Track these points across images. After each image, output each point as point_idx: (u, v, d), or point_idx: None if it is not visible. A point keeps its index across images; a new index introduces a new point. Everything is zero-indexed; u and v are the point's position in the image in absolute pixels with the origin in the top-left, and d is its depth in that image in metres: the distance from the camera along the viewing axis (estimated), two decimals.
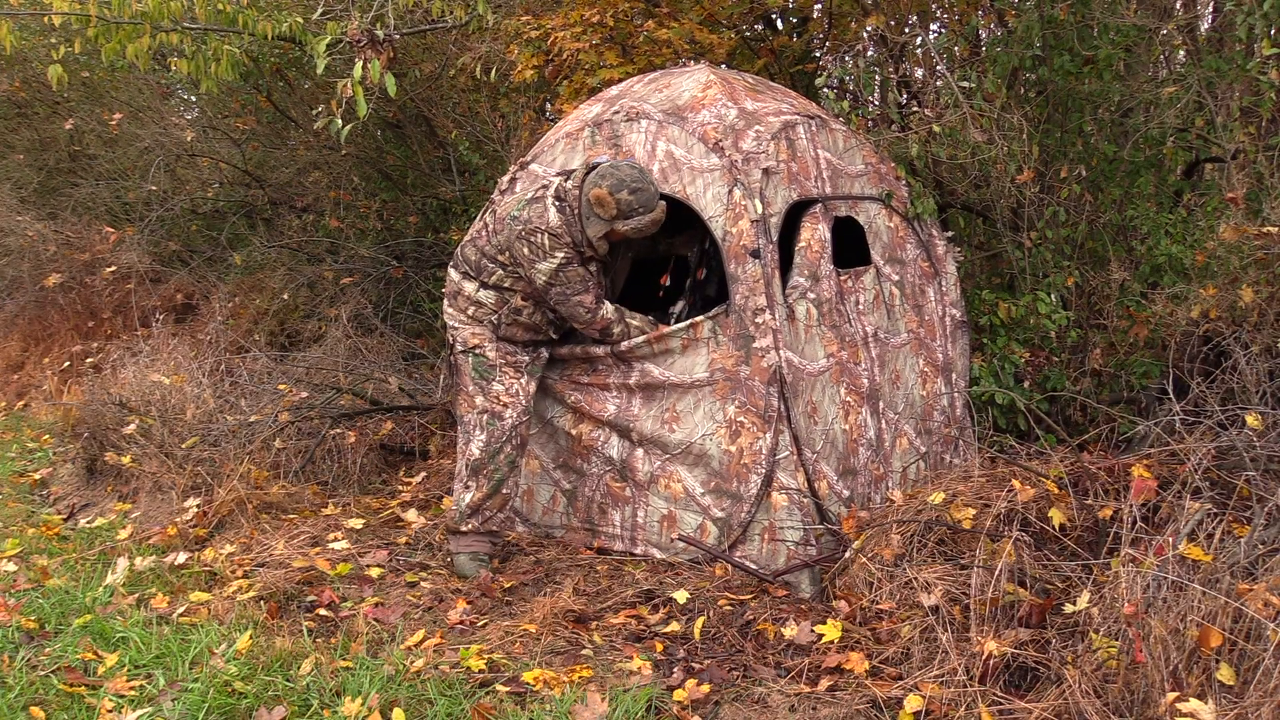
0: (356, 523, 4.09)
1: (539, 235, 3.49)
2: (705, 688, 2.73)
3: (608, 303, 3.67)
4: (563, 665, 2.88)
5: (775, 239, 3.55)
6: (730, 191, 3.53)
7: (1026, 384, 4.26)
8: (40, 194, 8.83)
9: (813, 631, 2.98)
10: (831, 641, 2.92)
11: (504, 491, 3.68)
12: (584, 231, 3.51)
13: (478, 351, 3.68)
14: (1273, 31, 3.90)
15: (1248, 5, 3.82)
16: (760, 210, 3.50)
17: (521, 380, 3.70)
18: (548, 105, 6.45)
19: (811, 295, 3.60)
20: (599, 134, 3.92)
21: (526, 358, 3.73)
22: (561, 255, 3.50)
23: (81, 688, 2.80)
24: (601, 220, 3.47)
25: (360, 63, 3.12)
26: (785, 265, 3.60)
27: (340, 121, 4.64)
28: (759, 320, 3.44)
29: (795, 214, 3.72)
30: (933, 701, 2.56)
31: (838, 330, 3.70)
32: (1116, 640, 2.48)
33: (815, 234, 3.68)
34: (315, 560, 3.65)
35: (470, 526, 3.67)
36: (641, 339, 3.63)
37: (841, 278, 3.78)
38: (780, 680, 2.78)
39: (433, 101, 6.85)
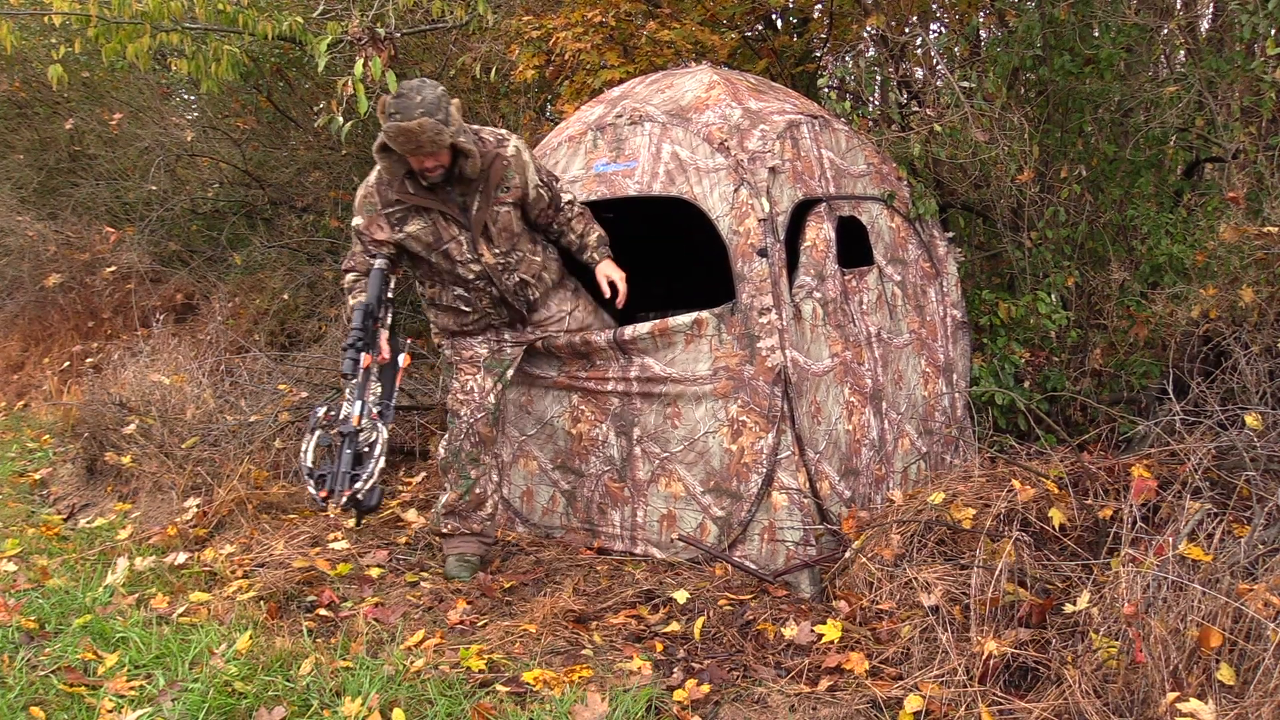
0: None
1: None
2: (705, 688, 2.73)
3: (359, 259, 3.49)
4: (563, 665, 2.88)
5: (782, 238, 3.55)
6: (737, 190, 3.53)
7: (1026, 384, 4.26)
8: (40, 194, 8.84)
9: (813, 631, 2.98)
10: (831, 641, 2.92)
11: (476, 491, 3.63)
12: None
13: (441, 351, 3.70)
14: (1274, 31, 3.90)
15: (1251, 5, 3.83)
16: (767, 209, 3.50)
17: (478, 377, 3.61)
18: (548, 106, 6.45)
19: (817, 295, 3.60)
20: (602, 137, 3.92)
21: (485, 351, 3.63)
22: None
23: (81, 688, 2.80)
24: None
25: (361, 60, 3.12)
26: (790, 265, 3.60)
27: (341, 119, 4.64)
28: (764, 320, 3.43)
29: (799, 214, 3.72)
30: (933, 701, 2.55)
31: (842, 330, 3.70)
32: (1116, 640, 2.47)
33: (820, 233, 3.68)
34: (315, 560, 3.65)
35: (450, 528, 3.66)
36: (645, 328, 3.62)
37: (846, 277, 3.78)
38: (780, 680, 2.78)
39: None
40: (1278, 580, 2.46)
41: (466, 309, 3.58)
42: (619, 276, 3.61)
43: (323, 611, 3.29)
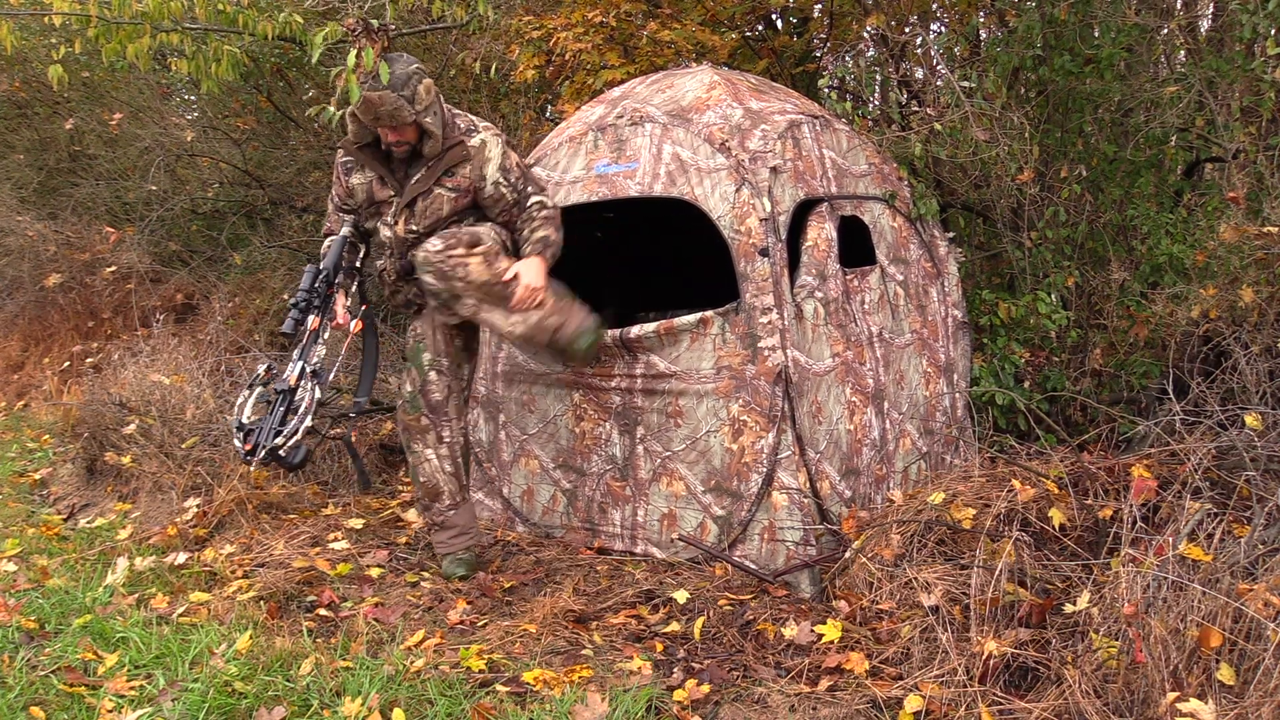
0: (356, 523, 4.09)
1: None
2: (705, 688, 2.73)
3: (347, 221, 3.62)
4: (563, 665, 2.88)
5: (784, 238, 3.55)
6: (738, 190, 3.53)
7: (1026, 384, 4.26)
8: (40, 194, 8.83)
9: (813, 631, 2.98)
10: (831, 641, 2.92)
11: (421, 480, 3.65)
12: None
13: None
14: (1274, 31, 3.90)
15: (1251, 5, 3.83)
16: (769, 209, 3.50)
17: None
18: (548, 106, 6.45)
19: (819, 294, 3.60)
20: (603, 138, 3.92)
21: (411, 340, 3.66)
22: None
23: (81, 688, 2.80)
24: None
25: (354, 51, 3.14)
26: (792, 265, 3.60)
27: (333, 109, 4.64)
28: (765, 319, 3.43)
29: (800, 213, 3.72)
30: (933, 701, 2.55)
31: (844, 330, 3.70)
32: (1116, 640, 2.47)
33: (822, 233, 3.68)
34: (315, 560, 3.65)
35: (421, 515, 3.79)
36: (651, 328, 3.62)
37: (848, 277, 3.78)
38: (780, 680, 2.78)
39: None
40: (1278, 580, 2.46)
41: (380, 281, 3.68)
42: (528, 277, 3.38)
43: (323, 611, 3.29)
